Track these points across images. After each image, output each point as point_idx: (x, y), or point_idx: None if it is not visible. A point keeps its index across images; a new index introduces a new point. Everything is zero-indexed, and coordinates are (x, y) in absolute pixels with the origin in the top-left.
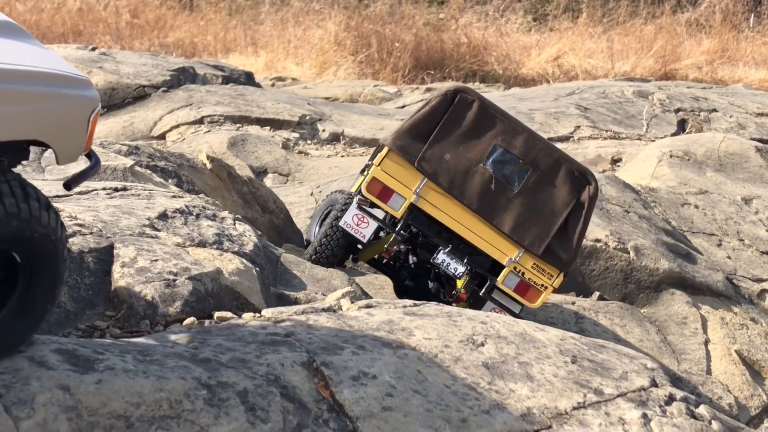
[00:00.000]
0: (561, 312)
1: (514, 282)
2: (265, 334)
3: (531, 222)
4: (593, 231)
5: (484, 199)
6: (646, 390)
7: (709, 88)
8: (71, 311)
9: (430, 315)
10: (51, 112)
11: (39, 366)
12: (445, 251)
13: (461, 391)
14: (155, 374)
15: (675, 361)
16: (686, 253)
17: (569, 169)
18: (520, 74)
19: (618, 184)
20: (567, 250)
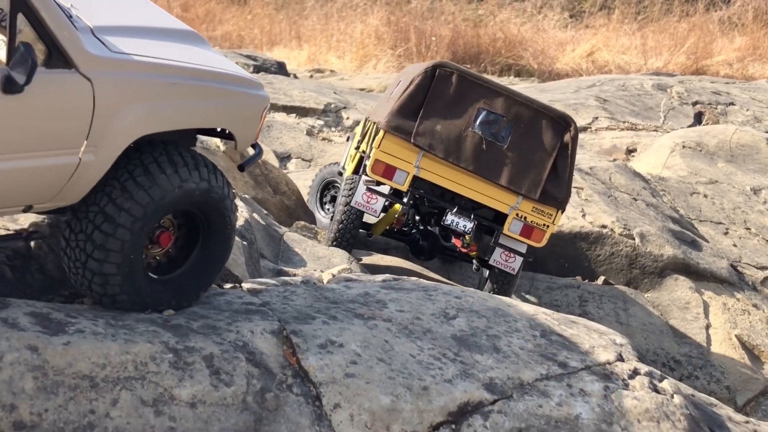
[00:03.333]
0: (566, 295)
1: (519, 227)
2: (240, 303)
3: (524, 171)
4: (600, 217)
5: (478, 159)
6: (611, 364)
7: (732, 83)
8: (56, 278)
9: (407, 289)
10: (237, 107)
11: (10, 327)
12: (452, 212)
13: (426, 361)
14: (123, 337)
15: (676, 345)
16: (692, 240)
17: (549, 116)
18: (555, 69)
19: (627, 172)
20: (561, 189)
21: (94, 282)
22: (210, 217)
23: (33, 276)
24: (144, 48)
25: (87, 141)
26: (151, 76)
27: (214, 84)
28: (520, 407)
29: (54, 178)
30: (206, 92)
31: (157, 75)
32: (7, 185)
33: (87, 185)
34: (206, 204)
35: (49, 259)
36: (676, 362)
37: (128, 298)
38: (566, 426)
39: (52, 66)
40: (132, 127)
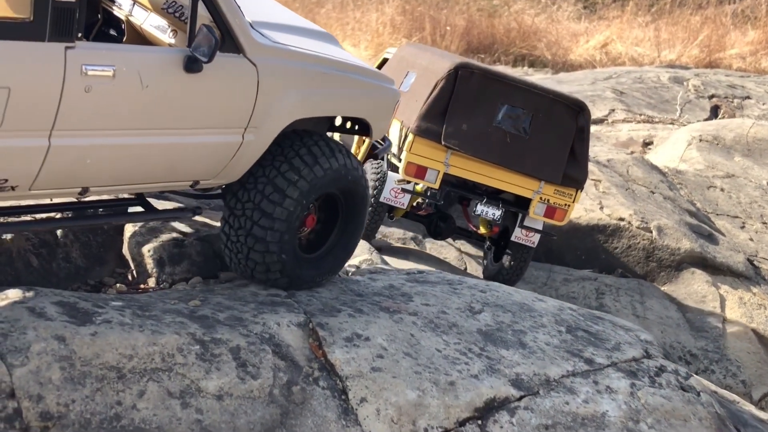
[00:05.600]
0: (583, 288)
1: (542, 209)
2: (266, 295)
3: (546, 158)
4: (617, 210)
5: (503, 152)
6: (638, 361)
7: (747, 77)
8: (81, 267)
9: (432, 282)
10: (375, 99)
11: (38, 317)
12: (481, 203)
13: (452, 355)
14: (151, 328)
15: (692, 338)
16: (708, 234)
17: (564, 104)
18: (568, 60)
19: (645, 165)
20: (580, 170)
21: (255, 249)
22: (351, 197)
23: (59, 264)
24: (295, 41)
25: (250, 122)
26: (305, 65)
27: (357, 76)
28: (547, 404)
29: (220, 155)
30: (350, 83)
31: (310, 64)
32: (182, 160)
33: (246, 164)
34: (350, 185)
35: (75, 248)
36: (692, 356)
37: (281, 269)
38: (593, 423)
39: (224, 50)
40: (289, 111)
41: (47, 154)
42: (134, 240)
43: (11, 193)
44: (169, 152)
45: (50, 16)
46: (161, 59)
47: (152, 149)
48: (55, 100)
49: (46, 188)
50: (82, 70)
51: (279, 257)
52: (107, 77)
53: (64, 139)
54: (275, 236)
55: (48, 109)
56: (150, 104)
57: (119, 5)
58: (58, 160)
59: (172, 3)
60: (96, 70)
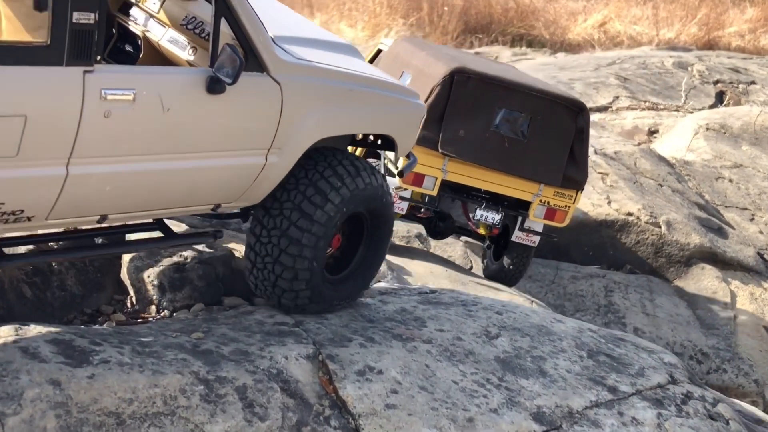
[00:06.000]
0: (591, 285)
1: (542, 211)
2: (273, 323)
3: (545, 161)
4: (626, 205)
5: (502, 157)
6: (663, 387)
7: (749, 59)
8: (77, 294)
9: (445, 303)
10: (401, 115)
11: (32, 358)
12: (481, 208)
13: (470, 387)
14: (151, 368)
15: (703, 337)
16: (718, 228)
17: (563, 105)
18: (567, 39)
19: (652, 157)
20: (579, 172)
21: (282, 277)
22: (376, 216)
23: (54, 293)
24: (317, 56)
25: (273, 142)
26: (330, 82)
27: (382, 91)
28: None
29: (243, 177)
30: (376, 99)
31: (335, 81)
32: (204, 183)
33: (269, 186)
34: (376, 204)
35: (70, 275)
36: (703, 355)
37: (310, 296)
38: None
39: (248, 69)
40: (313, 130)
41: (65, 183)
42: (133, 264)
43: (27, 224)
44: (190, 176)
45: (68, 39)
46: (183, 81)
47: (173, 174)
48: (73, 127)
49: (64, 217)
50: (102, 95)
51: (307, 284)
52: (127, 101)
53: (83, 167)
54: (303, 263)
55: (66, 137)
56: (171, 128)
57: (135, 20)
58: (76, 189)
59: (191, 19)
60: (116, 95)
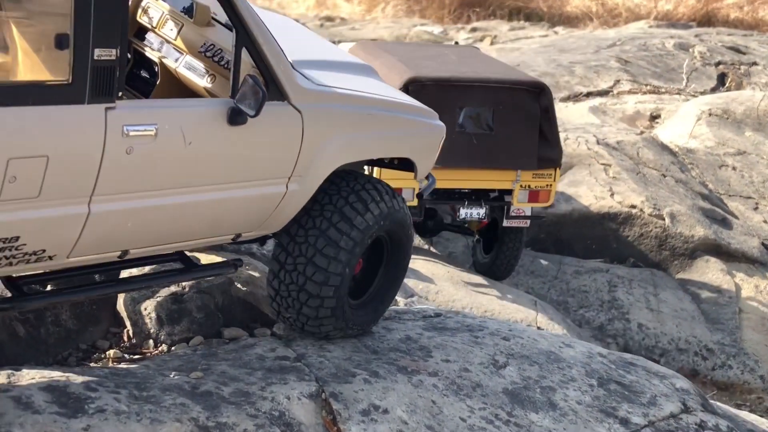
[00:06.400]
0: (594, 280)
1: (525, 195)
2: (274, 358)
3: (517, 147)
4: (629, 197)
5: (472, 154)
6: (676, 417)
7: (749, 35)
8: (72, 329)
9: (451, 329)
10: (421, 137)
11: (25, 409)
12: (464, 207)
13: (478, 425)
14: (149, 416)
15: (708, 332)
16: (722, 219)
17: (522, 89)
18: (565, 12)
19: (655, 146)
20: (552, 150)
21: (307, 305)
22: (397, 239)
23: (48, 330)
24: (336, 80)
25: (294, 170)
26: (350, 107)
27: (402, 115)
28: None
29: (264, 206)
30: (396, 123)
31: (355, 106)
32: (225, 214)
33: (290, 214)
34: (397, 227)
35: (65, 309)
36: (708, 351)
37: (334, 323)
38: None
39: (268, 98)
40: (334, 157)
41: (87, 221)
42: (129, 296)
43: (48, 263)
44: (212, 208)
45: (90, 76)
46: (204, 113)
47: (195, 207)
48: (95, 165)
49: (85, 255)
50: (124, 132)
51: (333, 311)
52: (149, 137)
53: (105, 204)
54: (329, 291)
55: (88, 175)
56: (193, 161)
57: (151, 46)
58: (98, 227)
59: (210, 46)
60: (138, 131)
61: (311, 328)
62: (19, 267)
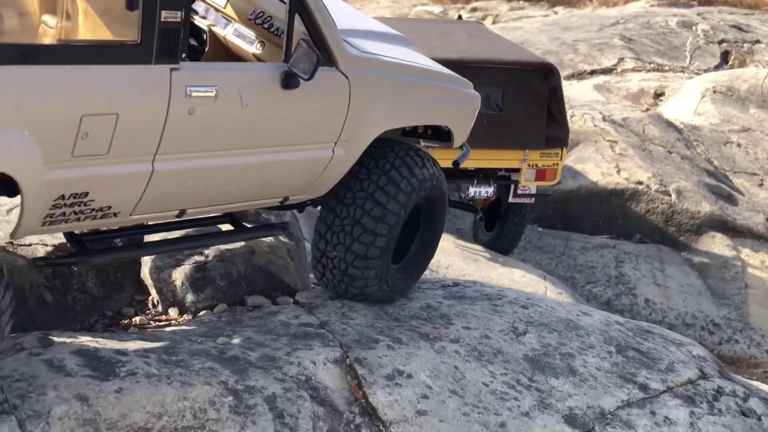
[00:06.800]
0: (601, 256)
1: (533, 174)
2: (298, 325)
3: (525, 128)
4: (635, 173)
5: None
6: (694, 383)
7: (751, 14)
8: (98, 297)
9: (470, 298)
10: (458, 105)
11: (57, 371)
12: (472, 185)
13: (500, 390)
14: (179, 379)
15: (714, 307)
16: (728, 195)
17: (531, 70)
18: None
19: (661, 123)
20: (560, 129)
21: (354, 265)
22: (434, 206)
23: (74, 297)
24: (379, 49)
25: (341, 135)
26: (394, 74)
27: (440, 83)
28: None
29: (312, 170)
30: (435, 91)
31: (398, 74)
32: (276, 177)
33: (335, 178)
34: (436, 194)
35: (90, 276)
36: (715, 325)
37: (378, 285)
38: None
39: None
40: (377, 122)
41: (150, 179)
42: (153, 264)
43: (112, 219)
44: (264, 170)
45: (157, 37)
46: (260, 77)
47: (249, 168)
48: (160, 124)
49: (146, 213)
50: (187, 92)
51: (377, 272)
52: (210, 98)
53: (167, 163)
54: (375, 252)
55: (153, 134)
56: (249, 123)
57: (201, 15)
58: (160, 185)
59: (259, 14)
60: (199, 92)
61: (355, 289)
62: (85, 223)
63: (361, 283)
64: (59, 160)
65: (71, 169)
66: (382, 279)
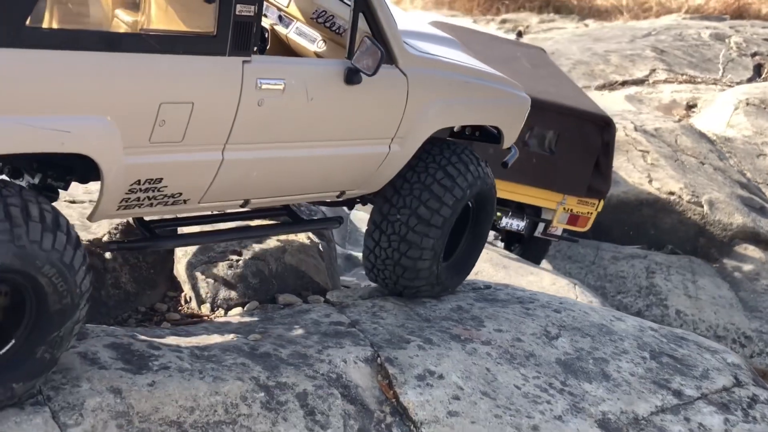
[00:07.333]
0: (632, 266)
1: (566, 217)
2: (329, 323)
3: (571, 174)
4: (667, 183)
5: (530, 172)
6: (729, 390)
7: None
8: (131, 292)
9: (502, 301)
10: (509, 107)
11: (91, 364)
12: (507, 216)
13: (532, 392)
14: (212, 374)
15: (746, 319)
16: (760, 207)
17: (590, 120)
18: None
19: (693, 134)
20: (603, 182)
21: (407, 255)
22: (482, 204)
23: (108, 292)
24: (434, 50)
25: (397, 132)
26: (449, 74)
27: (493, 84)
28: None
29: (368, 165)
30: (487, 91)
31: (453, 74)
32: (335, 171)
33: (390, 174)
34: (486, 193)
35: (124, 272)
36: (746, 338)
37: (428, 277)
38: None
39: None
40: (432, 121)
41: (219, 168)
42: (186, 260)
43: (182, 206)
44: (325, 163)
45: (231, 30)
46: (325, 72)
47: (311, 161)
48: (231, 114)
49: (214, 201)
50: (257, 84)
51: (429, 264)
52: (278, 91)
53: (236, 152)
54: (429, 243)
55: (224, 123)
56: (313, 117)
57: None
58: (228, 174)
59: (321, 12)
60: (269, 84)
61: (405, 281)
62: (157, 209)
63: (413, 275)
64: (137, 146)
65: (148, 155)
66: (432, 272)
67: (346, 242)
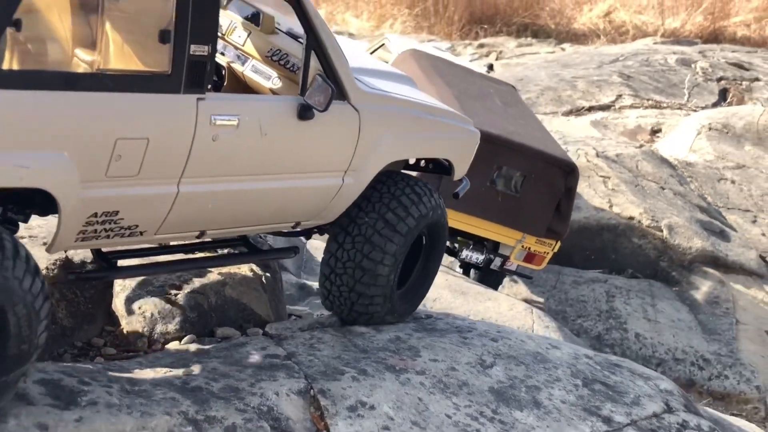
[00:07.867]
0: (593, 290)
1: (523, 255)
2: (264, 356)
3: (533, 215)
4: (628, 208)
5: (494, 209)
6: (658, 417)
7: (754, 52)
8: (68, 327)
9: (440, 330)
10: (459, 141)
11: (19, 400)
12: (468, 249)
13: (463, 421)
14: (140, 409)
15: (705, 342)
16: (720, 231)
17: (556, 165)
18: (572, 29)
19: (654, 159)
20: (562, 225)
21: (361, 282)
22: (435, 234)
23: None
24: (386, 86)
25: (350, 165)
26: (401, 109)
27: (443, 119)
28: None
29: (322, 197)
30: (438, 126)
31: (404, 109)
32: (290, 203)
33: (343, 206)
34: (437, 223)
35: (61, 307)
36: (705, 361)
37: (382, 304)
38: None
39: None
40: (385, 154)
41: (175, 201)
42: (124, 295)
43: (138, 238)
44: (280, 196)
45: (186, 69)
46: (278, 108)
47: (266, 193)
48: (186, 149)
49: (170, 232)
50: (211, 121)
51: (383, 290)
52: (232, 126)
53: (191, 186)
54: (384, 270)
55: (179, 158)
56: (267, 151)
57: (220, 51)
58: (184, 206)
59: (276, 51)
60: (223, 120)
61: (360, 307)
62: (114, 240)
63: (367, 301)
64: (94, 180)
65: (104, 189)
66: (386, 298)
67: (302, 271)
